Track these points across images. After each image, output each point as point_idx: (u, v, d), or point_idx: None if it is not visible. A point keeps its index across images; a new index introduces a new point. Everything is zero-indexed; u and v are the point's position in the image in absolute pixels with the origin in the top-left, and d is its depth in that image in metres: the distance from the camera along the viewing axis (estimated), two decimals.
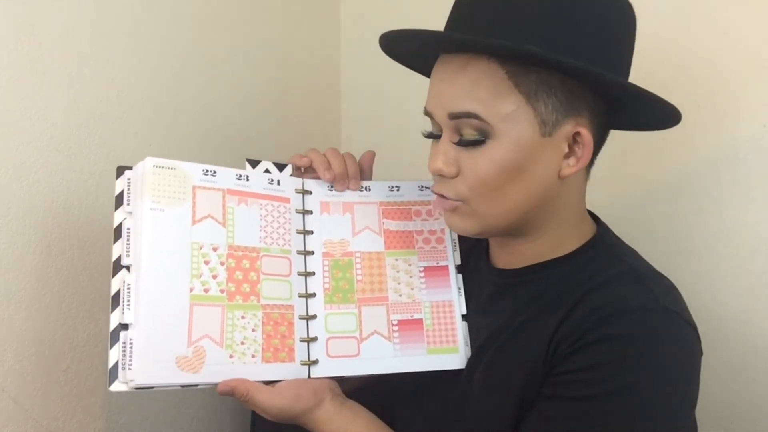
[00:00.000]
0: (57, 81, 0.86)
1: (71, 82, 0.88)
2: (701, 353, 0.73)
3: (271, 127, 1.23)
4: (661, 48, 1.00)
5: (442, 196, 0.76)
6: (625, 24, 0.74)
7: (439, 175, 0.75)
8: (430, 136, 0.78)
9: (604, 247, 0.79)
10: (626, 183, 1.05)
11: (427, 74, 0.78)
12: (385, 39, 0.78)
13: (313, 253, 0.83)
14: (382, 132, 1.34)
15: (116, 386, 0.71)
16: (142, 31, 0.97)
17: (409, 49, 0.80)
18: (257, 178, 0.83)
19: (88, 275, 0.90)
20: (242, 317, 0.77)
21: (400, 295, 0.84)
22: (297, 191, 0.85)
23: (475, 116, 0.71)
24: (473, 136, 0.72)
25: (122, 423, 0.97)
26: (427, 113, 0.76)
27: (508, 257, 0.82)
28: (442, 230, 0.88)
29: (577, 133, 0.72)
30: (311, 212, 0.84)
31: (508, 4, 0.71)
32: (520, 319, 0.77)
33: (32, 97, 0.83)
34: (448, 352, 0.82)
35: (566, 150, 0.73)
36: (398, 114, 1.30)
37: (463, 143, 0.72)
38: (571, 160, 0.73)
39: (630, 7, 0.74)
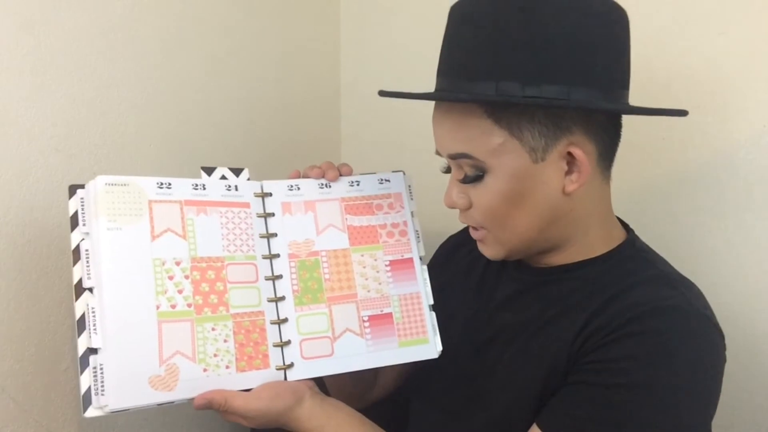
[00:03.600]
0: (57, 81, 0.86)
1: (71, 82, 0.88)
2: (725, 360, 0.73)
3: (270, 127, 1.23)
4: (660, 48, 0.99)
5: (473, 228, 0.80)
6: (605, 31, 0.72)
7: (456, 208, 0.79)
8: (447, 171, 0.81)
9: (634, 252, 0.80)
10: (626, 183, 1.04)
11: None
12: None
13: (278, 256, 0.82)
14: (382, 132, 1.34)
15: (91, 412, 0.70)
16: (142, 31, 0.97)
17: None
18: (214, 186, 0.81)
19: None
20: (213, 329, 0.76)
21: (369, 291, 0.84)
22: (256, 195, 0.83)
23: (468, 156, 0.74)
24: (472, 172, 0.75)
25: (122, 423, 0.97)
26: (437, 152, 0.79)
27: (537, 260, 0.83)
28: (405, 222, 0.88)
29: (570, 154, 0.72)
30: (273, 214, 0.83)
31: (481, 43, 0.71)
32: (546, 316, 0.78)
33: (32, 97, 0.84)
34: (419, 343, 0.83)
35: (566, 168, 0.73)
36: (398, 114, 1.30)
37: (466, 181, 0.76)
38: (574, 176, 0.73)
39: (609, 12, 0.72)
